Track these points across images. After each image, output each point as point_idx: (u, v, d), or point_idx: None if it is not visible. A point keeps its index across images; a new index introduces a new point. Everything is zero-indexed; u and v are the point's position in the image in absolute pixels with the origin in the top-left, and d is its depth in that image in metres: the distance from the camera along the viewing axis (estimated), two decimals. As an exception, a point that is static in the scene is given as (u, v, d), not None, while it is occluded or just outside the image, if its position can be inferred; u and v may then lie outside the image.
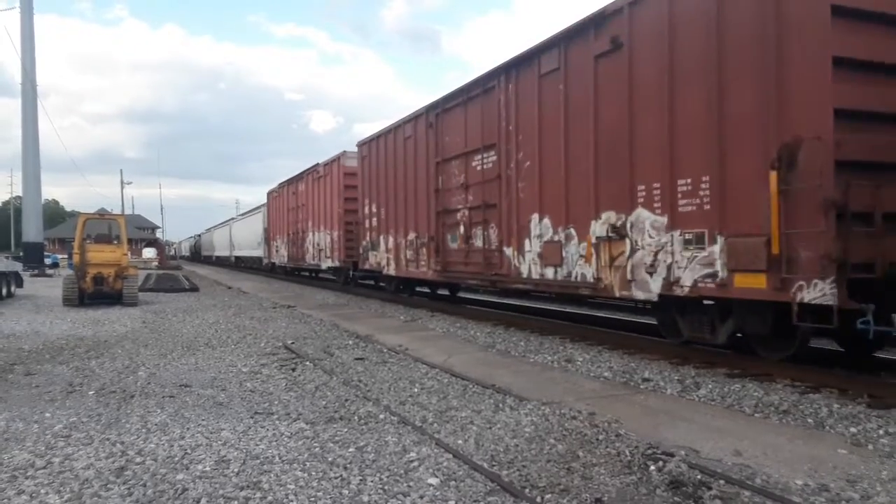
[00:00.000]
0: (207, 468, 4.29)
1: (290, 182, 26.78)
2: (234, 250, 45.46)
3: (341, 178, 19.78)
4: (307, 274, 28.59)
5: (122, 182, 66.62)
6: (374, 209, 16.82)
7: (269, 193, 31.40)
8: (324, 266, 22.12)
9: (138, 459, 4.48)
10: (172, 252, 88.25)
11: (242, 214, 45.95)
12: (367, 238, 17.34)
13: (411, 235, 14.54)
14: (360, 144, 17.89)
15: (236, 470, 4.26)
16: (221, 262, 54.32)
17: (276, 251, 30.17)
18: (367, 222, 17.39)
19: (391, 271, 15.97)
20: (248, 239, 39.83)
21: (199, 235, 74.84)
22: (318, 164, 22.36)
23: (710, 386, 6.58)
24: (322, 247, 21.85)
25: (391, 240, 15.71)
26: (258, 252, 35.54)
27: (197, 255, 72.61)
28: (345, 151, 19.74)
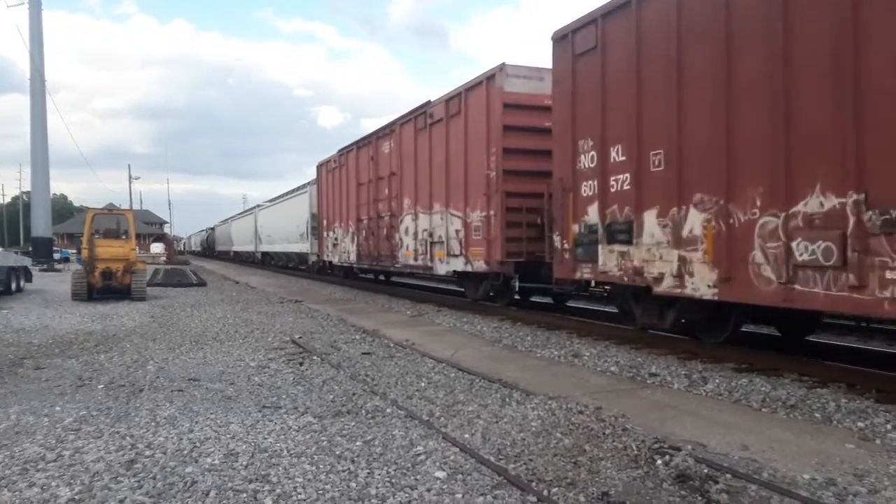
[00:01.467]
0: (216, 461, 4.32)
1: (362, 143, 18.42)
2: (262, 244, 37.96)
3: (496, 115, 11.47)
4: (372, 278, 21.48)
5: (129, 177, 66.84)
6: (616, 156, 8.48)
7: (322, 166, 22.89)
8: (442, 270, 13.72)
9: (148, 452, 4.51)
10: (182, 247, 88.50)
11: (274, 199, 37.23)
12: (589, 219, 9.03)
13: None
14: (568, 33, 9.38)
15: (245, 463, 4.28)
16: (242, 259, 47.58)
17: (334, 245, 21.48)
18: (584, 188, 9.12)
19: (701, 289, 7.18)
20: (283, 230, 31.20)
21: (213, 228, 68.67)
22: (428, 103, 14.04)
23: (717, 380, 6.57)
24: (440, 238, 13.54)
25: (697, 217, 7.22)
26: (300, 247, 27.84)
27: (210, 250, 67.21)
28: (503, 65, 11.51)
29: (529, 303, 13.38)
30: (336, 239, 21.29)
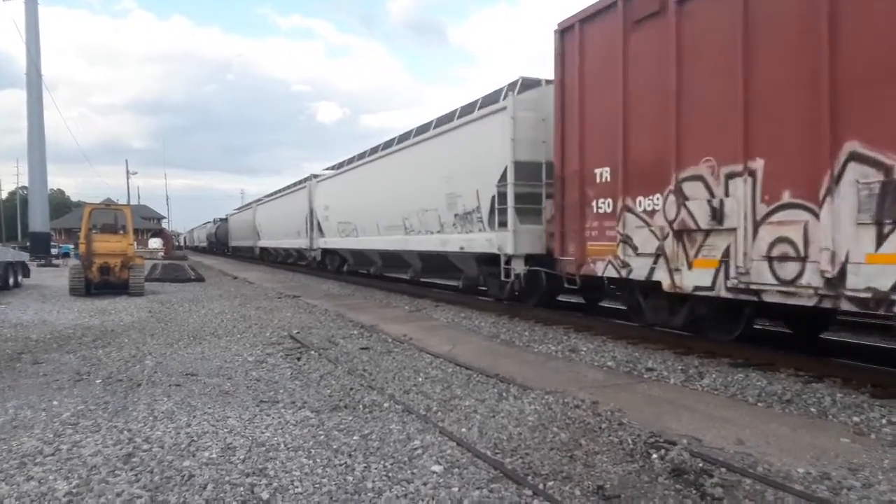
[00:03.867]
0: (214, 455, 4.34)
1: None
2: (322, 237, 23.43)
3: None
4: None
5: (127, 172, 66.57)
6: None
7: (578, 26, 9.13)
8: None
9: (145, 446, 4.52)
10: (182, 242, 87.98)
11: (356, 159, 20.47)
12: None
13: None
14: None
15: (242, 457, 4.30)
16: (275, 259, 34.10)
17: (676, 238, 7.44)
18: None
19: None
20: (397, 208, 15.94)
21: (226, 218, 55.91)
22: None
23: (713, 375, 6.59)
24: None
25: None
26: (468, 241, 12.37)
27: (220, 245, 56.13)
28: None
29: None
30: (721, 213, 6.89)
